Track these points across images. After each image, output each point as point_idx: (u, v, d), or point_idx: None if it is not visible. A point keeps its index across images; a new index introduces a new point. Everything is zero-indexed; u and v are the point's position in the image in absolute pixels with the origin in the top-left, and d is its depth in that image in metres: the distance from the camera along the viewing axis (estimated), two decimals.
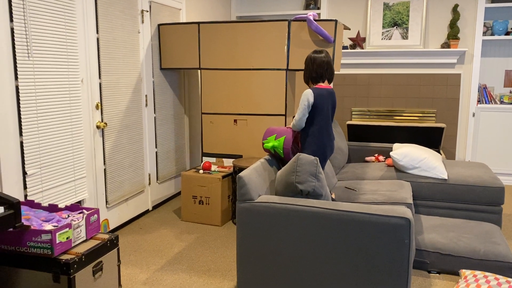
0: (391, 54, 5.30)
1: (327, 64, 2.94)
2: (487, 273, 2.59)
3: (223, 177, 3.78)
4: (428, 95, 5.30)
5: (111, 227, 3.58)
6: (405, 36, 5.29)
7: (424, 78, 5.29)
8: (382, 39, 5.38)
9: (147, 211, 4.13)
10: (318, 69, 2.94)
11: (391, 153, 3.72)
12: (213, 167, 4.07)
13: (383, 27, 5.35)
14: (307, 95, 2.88)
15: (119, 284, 2.49)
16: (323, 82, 2.98)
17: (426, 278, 2.83)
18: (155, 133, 4.17)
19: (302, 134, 3.02)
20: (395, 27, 5.31)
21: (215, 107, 4.08)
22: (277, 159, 3.16)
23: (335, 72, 5.59)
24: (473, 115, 5.21)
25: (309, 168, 2.45)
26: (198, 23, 3.98)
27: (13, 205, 1.95)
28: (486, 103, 5.22)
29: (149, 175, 4.10)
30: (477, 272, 2.63)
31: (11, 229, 2.04)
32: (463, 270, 2.72)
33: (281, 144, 3.02)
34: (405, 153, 3.67)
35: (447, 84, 5.23)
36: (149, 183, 4.12)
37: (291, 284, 2.43)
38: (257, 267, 2.48)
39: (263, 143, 3.14)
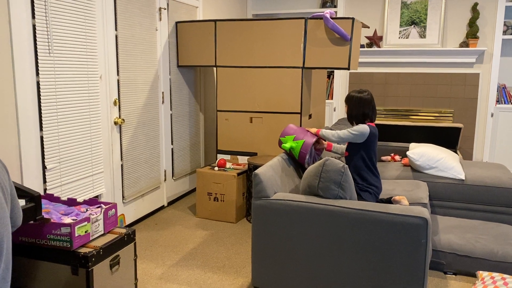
0: (409, 53, 5.25)
1: (372, 104, 3.04)
2: (505, 275, 2.55)
3: (238, 174, 3.79)
4: (446, 95, 5.24)
5: (127, 222, 3.62)
6: (422, 35, 5.23)
7: (441, 78, 5.23)
8: (399, 37, 5.33)
9: (162, 207, 4.17)
10: (364, 109, 3.02)
11: (407, 153, 3.68)
12: (228, 165, 4.09)
13: (401, 25, 5.30)
14: (363, 131, 2.95)
15: (135, 278, 2.52)
16: (371, 121, 3.06)
17: (442, 279, 2.81)
18: (171, 130, 4.20)
19: (352, 172, 3.03)
20: (412, 26, 5.26)
21: (231, 105, 4.10)
22: (293, 158, 3.16)
23: (353, 71, 5.56)
24: (492, 115, 5.13)
25: (334, 176, 2.42)
26: (215, 20, 4.00)
27: (34, 198, 1.98)
28: (505, 103, 5.13)
29: (165, 171, 4.14)
30: (494, 274, 2.60)
31: (32, 222, 2.08)
32: (480, 272, 2.69)
33: (299, 147, 3.04)
34: (422, 152, 3.63)
35: (465, 84, 5.16)
36: (165, 180, 4.15)
37: (306, 282, 2.43)
38: (272, 264, 2.49)
39: (280, 140, 3.15)
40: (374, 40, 5.42)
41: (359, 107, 3.02)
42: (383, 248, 2.25)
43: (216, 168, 3.93)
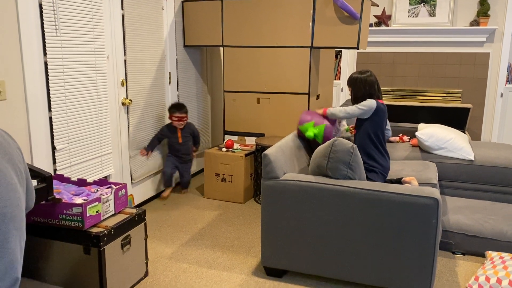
0: (418, 32, 5.16)
1: (376, 83, 3.03)
2: None
3: (246, 155, 3.79)
4: (455, 75, 5.17)
5: (136, 202, 3.64)
6: (432, 14, 5.14)
7: (451, 57, 5.16)
8: (408, 16, 5.23)
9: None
10: (370, 90, 3.01)
11: (417, 133, 3.66)
12: (236, 146, 4.08)
13: (410, 4, 5.20)
14: (371, 105, 2.95)
15: (146, 258, 2.54)
16: (378, 99, 3.06)
17: (450, 258, 2.81)
18: None
19: (360, 151, 3.01)
20: (422, 4, 5.16)
21: (238, 85, 4.06)
22: (303, 138, 3.14)
23: (362, 51, 5.49)
24: (501, 95, 5.07)
25: (343, 156, 2.40)
26: None
27: (45, 179, 1.98)
28: None
29: None
30: (503, 254, 2.60)
31: (44, 202, 2.09)
32: (489, 252, 2.69)
33: (322, 132, 3.02)
34: (431, 133, 3.60)
35: (475, 64, 5.09)
36: None
37: (316, 261, 2.44)
38: (281, 244, 2.50)
39: (299, 130, 3.12)
40: (383, 19, 5.33)
41: (365, 89, 3.01)
42: (393, 229, 2.25)
43: (224, 149, 3.92)
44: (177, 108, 3.77)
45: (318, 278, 2.57)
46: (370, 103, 2.95)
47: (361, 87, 3.02)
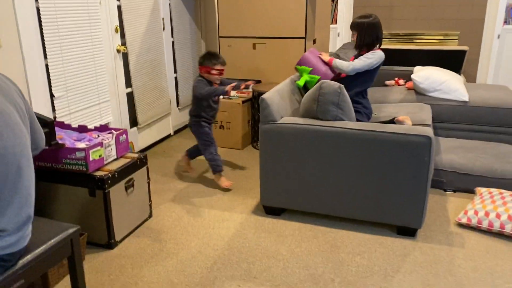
0: None
1: (381, 26, 3.00)
2: (503, 190, 2.66)
3: (243, 102, 3.81)
4: (452, 16, 5.10)
5: (136, 150, 3.70)
6: None
7: None
8: None
9: (169, 136, 4.24)
10: (378, 33, 2.97)
11: (412, 76, 3.67)
12: (232, 93, 4.09)
13: None
14: (381, 56, 2.93)
15: (150, 200, 2.64)
16: (380, 46, 3.02)
17: (442, 196, 2.93)
18: (174, 58, 4.15)
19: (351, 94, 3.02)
20: None
21: (233, 30, 4.01)
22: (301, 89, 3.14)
23: None
24: (498, 37, 5.03)
25: (331, 98, 2.44)
26: None
27: (47, 124, 2.02)
28: None
29: (170, 100, 4.15)
30: (492, 189, 2.71)
31: (47, 147, 2.14)
32: (479, 188, 2.80)
33: (313, 84, 3.01)
34: (426, 75, 3.62)
35: (473, 4, 5.00)
36: (170, 109, 4.18)
37: (312, 199, 2.54)
38: (279, 184, 2.59)
39: (296, 68, 3.11)
40: None
41: (372, 32, 2.95)
42: (386, 167, 2.33)
43: (221, 96, 3.93)
44: (218, 59, 3.00)
45: (314, 215, 2.68)
46: (379, 55, 2.92)
47: (369, 31, 2.94)
